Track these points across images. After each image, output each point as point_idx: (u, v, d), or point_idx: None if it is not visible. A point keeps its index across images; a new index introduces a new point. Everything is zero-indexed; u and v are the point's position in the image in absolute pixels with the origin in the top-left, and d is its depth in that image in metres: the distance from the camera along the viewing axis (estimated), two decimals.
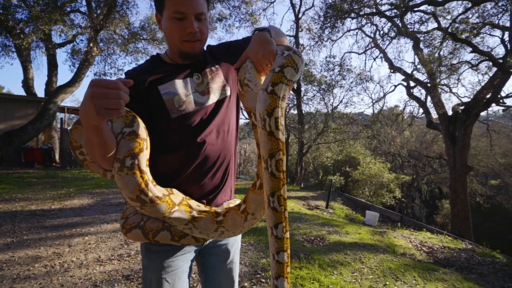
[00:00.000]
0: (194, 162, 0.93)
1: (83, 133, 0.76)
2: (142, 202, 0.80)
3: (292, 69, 0.76)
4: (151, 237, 0.87)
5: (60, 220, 4.13)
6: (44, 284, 2.36)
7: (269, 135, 0.70)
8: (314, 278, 2.39)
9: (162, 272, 0.96)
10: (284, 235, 0.73)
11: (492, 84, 10.50)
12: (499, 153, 16.71)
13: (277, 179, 0.71)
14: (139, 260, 2.83)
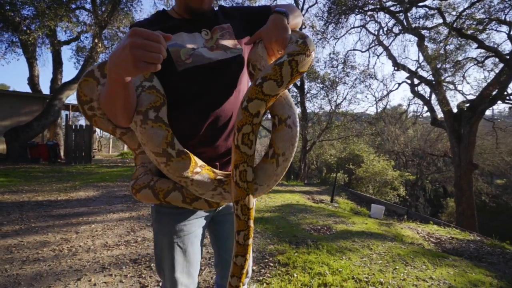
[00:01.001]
0: (206, 121, 0.89)
1: (107, 86, 0.72)
2: (168, 156, 0.76)
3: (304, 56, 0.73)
4: (162, 198, 0.84)
5: (67, 210, 4.15)
6: (53, 266, 2.37)
7: (235, 148, 0.75)
8: (323, 262, 2.37)
9: (174, 236, 0.94)
10: (245, 242, 0.78)
11: (498, 80, 10.38)
12: (505, 151, 16.52)
13: (241, 188, 0.75)
14: (146, 246, 2.84)
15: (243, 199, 0.76)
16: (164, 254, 0.96)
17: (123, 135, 0.93)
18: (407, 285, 2.04)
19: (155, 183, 0.85)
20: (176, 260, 0.95)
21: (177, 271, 0.95)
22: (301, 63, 0.72)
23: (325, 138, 12.74)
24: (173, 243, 0.94)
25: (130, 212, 4.08)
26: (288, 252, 2.60)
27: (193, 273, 0.99)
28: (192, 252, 0.98)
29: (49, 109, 10.04)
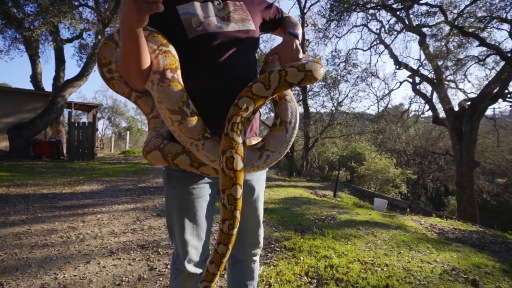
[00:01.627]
0: (213, 89, 0.90)
1: (121, 43, 0.74)
2: (184, 114, 0.79)
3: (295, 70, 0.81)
4: (170, 160, 0.86)
5: (72, 201, 4.18)
6: (61, 250, 2.40)
7: (224, 136, 0.79)
8: (328, 246, 2.40)
9: (184, 199, 0.96)
10: (229, 231, 0.80)
11: (500, 78, 10.39)
12: (506, 149, 16.52)
13: (227, 176, 0.77)
14: (153, 234, 2.87)
15: (229, 188, 0.77)
16: (174, 216, 0.98)
17: (138, 98, 0.95)
18: (412, 266, 2.06)
19: (165, 145, 0.88)
20: (185, 222, 0.97)
21: (187, 233, 0.97)
22: (290, 74, 0.79)
23: (327, 136, 12.76)
24: (182, 205, 0.96)
25: (135, 203, 4.12)
26: (294, 238, 2.63)
27: (203, 236, 1.01)
28: (202, 216, 0.99)
29: (52, 106, 10.08)
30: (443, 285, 1.80)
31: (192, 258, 1.00)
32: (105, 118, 22.11)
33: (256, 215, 1.10)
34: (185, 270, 1.02)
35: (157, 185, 5.62)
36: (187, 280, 1.04)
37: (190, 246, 0.99)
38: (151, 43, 0.84)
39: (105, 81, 0.92)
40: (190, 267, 1.01)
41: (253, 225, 1.10)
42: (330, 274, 1.92)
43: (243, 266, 1.15)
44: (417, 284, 1.80)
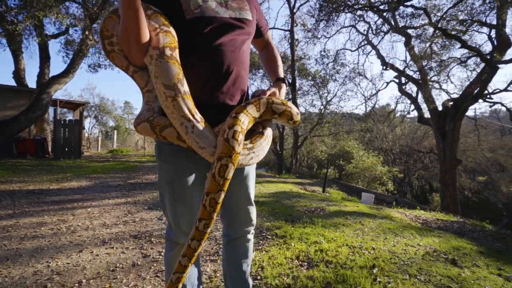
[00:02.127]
0: (206, 70, 0.95)
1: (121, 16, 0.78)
2: (177, 90, 0.83)
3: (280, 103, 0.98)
4: (158, 131, 0.90)
5: (60, 197, 4.12)
6: (52, 241, 2.39)
7: (224, 141, 0.82)
8: (318, 233, 2.48)
9: (174, 173, 1.00)
10: (204, 230, 0.85)
11: (480, 79, 10.85)
12: (486, 148, 17.22)
13: (216, 182, 0.82)
14: (145, 225, 2.88)
15: (215, 193, 0.82)
16: (165, 189, 1.03)
17: (135, 72, 0.98)
18: (397, 249, 2.17)
19: (154, 118, 0.92)
20: (176, 195, 1.02)
21: (178, 205, 1.02)
22: (275, 104, 0.95)
23: (316, 134, 12.95)
24: (173, 178, 1.01)
25: (125, 198, 4.09)
26: (285, 227, 2.70)
27: (193, 209, 1.04)
28: (192, 189, 1.03)
29: (37, 103, 9.81)
30: (425, 264, 1.91)
31: (184, 230, 1.05)
32: (92, 116, 21.63)
33: (247, 193, 1.14)
34: (178, 241, 1.07)
35: (147, 181, 5.59)
36: (181, 252, 1.09)
37: (182, 218, 1.04)
38: (153, 21, 0.89)
39: (105, 53, 0.95)
40: (183, 238, 1.05)
41: (244, 203, 1.14)
42: (320, 257, 2.00)
43: (237, 244, 1.19)
44: (401, 264, 1.90)
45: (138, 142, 21.65)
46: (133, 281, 1.72)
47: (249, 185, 1.14)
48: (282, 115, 0.96)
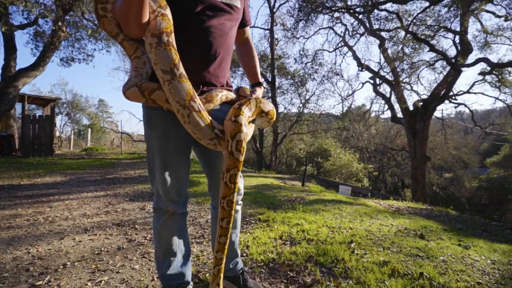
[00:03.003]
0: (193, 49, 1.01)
1: None
2: (173, 75, 0.89)
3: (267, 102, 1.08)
4: (147, 95, 0.95)
5: (34, 191, 3.94)
6: (30, 231, 2.31)
7: (229, 154, 0.93)
8: (299, 217, 2.60)
9: (163, 141, 1.06)
10: (227, 226, 0.98)
11: (446, 81, 11.66)
12: (452, 146, 18.45)
13: (228, 188, 0.95)
14: (128, 214, 2.85)
15: (229, 196, 0.95)
16: (155, 157, 1.08)
17: (124, 40, 1.01)
18: (372, 228, 2.34)
19: (142, 83, 0.97)
20: (165, 162, 1.07)
21: (167, 173, 1.08)
22: (263, 103, 1.05)
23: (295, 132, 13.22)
24: (162, 146, 1.06)
25: (105, 191, 4.00)
26: (267, 213, 2.79)
27: (181, 178, 1.11)
28: (181, 157, 1.09)
29: (2, 98, 9.22)
30: (397, 239, 2.08)
31: (173, 198, 1.11)
32: (64, 114, 20.53)
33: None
34: (167, 208, 1.12)
35: (127, 176, 5.46)
36: (170, 220, 1.14)
37: (171, 186, 1.09)
38: (152, 1, 0.94)
39: (96, 17, 0.97)
40: (172, 206, 1.11)
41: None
42: (302, 236, 2.11)
43: None
44: (376, 239, 2.06)
45: (114, 141, 20.88)
46: (120, 262, 1.73)
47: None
48: (268, 114, 1.07)
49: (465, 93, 13.83)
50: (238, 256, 1.33)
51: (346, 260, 1.64)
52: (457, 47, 11.70)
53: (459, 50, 11.38)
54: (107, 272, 1.60)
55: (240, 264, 1.34)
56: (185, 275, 1.19)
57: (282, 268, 1.61)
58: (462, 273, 1.53)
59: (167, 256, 1.16)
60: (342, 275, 1.49)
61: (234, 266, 1.31)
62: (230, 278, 1.30)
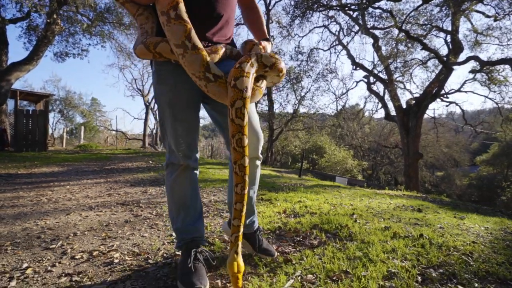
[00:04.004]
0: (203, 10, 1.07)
1: None
2: (185, 48, 0.95)
3: (268, 55, 1.03)
4: (152, 49, 1.01)
5: (32, 179, 3.92)
6: (35, 209, 2.32)
7: (231, 121, 0.94)
8: (301, 196, 2.67)
9: (173, 95, 1.10)
10: (242, 192, 0.97)
11: (438, 79, 11.92)
12: (443, 144, 18.83)
13: (237, 152, 0.96)
14: (131, 196, 2.87)
15: (240, 160, 0.96)
16: (165, 112, 1.13)
17: (126, 2, 1.08)
18: (372, 205, 2.42)
19: (146, 39, 1.03)
20: (176, 116, 1.11)
21: (178, 126, 1.12)
22: (264, 57, 1.02)
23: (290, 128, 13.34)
24: (172, 100, 1.11)
25: (105, 179, 4.00)
26: (269, 194, 2.85)
27: (192, 132, 1.15)
28: (191, 111, 1.13)
29: None
30: (396, 212, 2.17)
31: (184, 152, 1.15)
32: (56, 111, 20.24)
33: (252, 125, 1.20)
34: (180, 162, 1.16)
35: (125, 168, 5.46)
36: (182, 175, 1.18)
37: (182, 139, 1.14)
38: None
39: None
40: (184, 160, 1.15)
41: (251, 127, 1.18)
42: (305, 210, 2.17)
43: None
44: (376, 213, 2.14)
45: (107, 139, 20.68)
46: (129, 231, 1.77)
47: (252, 115, 1.20)
48: (273, 68, 1.05)
49: (456, 92, 14.17)
50: (255, 214, 1.33)
51: (350, 227, 1.71)
52: (449, 46, 11.97)
53: (451, 49, 11.65)
54: (118, 239, 1.63)
55: (256, 223, 1.34)
56: (199, 230, 1.23)
57: (289, 234, 1.67)
58: (458, 236, 1.62)
59: (181, 211, 1.20)
60: (346, 238, 1.56)
61: (250, 223, 1.31)
62: (245, 236, 1.31)
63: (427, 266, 1.22)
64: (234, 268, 0.93)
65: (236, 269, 0.93)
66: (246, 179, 0.98)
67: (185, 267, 1.11)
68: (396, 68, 13.39)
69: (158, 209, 2.29)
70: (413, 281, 1.07)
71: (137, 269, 1.23)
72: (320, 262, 1.25)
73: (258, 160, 1.27)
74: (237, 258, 0.95)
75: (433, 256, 1.29)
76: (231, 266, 0.94)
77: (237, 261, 0.95)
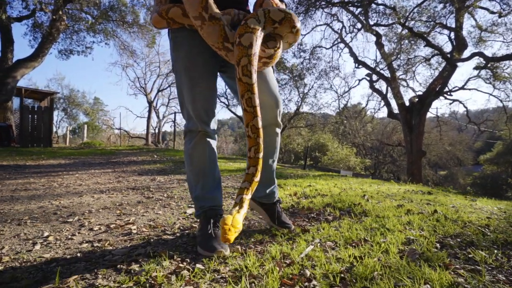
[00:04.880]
0: None
1: None
2: (202, 19, 0.96)
3: (277, 10, 1.00)
4: (165, 15, 1.03)
5: (41, 169, 3.95)
6: (48, 192, 2.34)
7: (238, 81, 0.93)
8: (310, 181, 2.68)
9: (190, 59, 1.12)
10: (255, 155, 0.93)
11: (442, 76, 11.86)
12: (447, 142, 18.76)
13: (248, 113, 0.93)
14: (140, 182, 2.88)
15: (252, 121, 0.92)
16: (182, 78, 1.14)
17: None
18: (382, 189, 2.43)
19: (159, 7, 1.06)
20: (193, 81, 1.12)
21: (196, 92, 1.13)
22: (273, 12, 0.98)
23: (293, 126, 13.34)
24: (189, 65, 1.12)
25: (112, 169, 4.03)
26: (278, 181, 2.86)
27: (209, 97, 1.15)
28: (207, 76, 1.14)
29: (1, 88, 9.13)
30: (407, 195, 2.17)
31: (202, 117, 1.16)
32: (60, 109, 20.34)
33: (270, 84, 1.19)
34: (198, 128, 1.17)
35: (130, 161, 5.48)
36: (200, 142, 1.18)
37: (199, 104, 1.14)
38: None
39: None
40: (202, 126, 1.16)
41: (269, 92, 1.18)
42: (315, 193, 2.18)
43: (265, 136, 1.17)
44: (387, 195, 2.14)
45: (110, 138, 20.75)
46: (142, 209, 1.78)
47: (269, 79, 1.20)
48: (283, 23, 0.99)
49: (460, 89, 14.07)
50: (275, 185, 1.31)
51: (363, 205, 1.72)
52: (453, 43, 11.90)
53: (454, 46, 11.59)
54: (132, 215, 1.65)
55: (276, 194, 1.32)
56: (217, 199, 1.23)
57: (302, 211, 1.68)
58: (472, 213, 1.62)
59: (199, 178, 1.20)
60: (361, 214, 1.57)
61: (270, 193, 1.29)
62: (264, 207, 1.31)
63: (444, 236, 1.22)
64: (228, 220, 0.79)
65: (230, 222, 0.79)
66: (260, 142, 0.94)
67: (205, 233, 1.12)
68: (399, 65, 13.35)
69: (169, 193, 2.30)
70: (432, 247, 1.08)
71: (155, 238, 1.25)
72: (337, 232, 1.25)
73: (278, 127, 1.26)
74: (235, 214, 0.83)
75: (449, 228, 1.29)
76: (226, 218, 0.80)
77: (234, 216, 0.82)
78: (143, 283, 0.81)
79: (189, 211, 1.69)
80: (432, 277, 0.80)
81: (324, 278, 0.83)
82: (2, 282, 0.83)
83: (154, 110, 20.70)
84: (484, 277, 0.82)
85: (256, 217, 1.55)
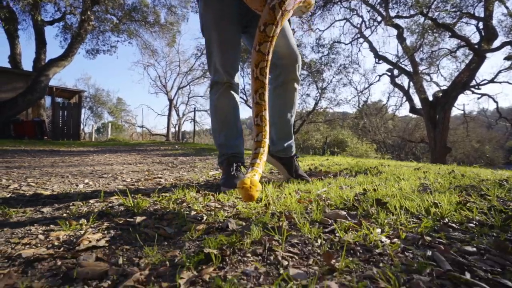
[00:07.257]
0: None
1: None
2: None
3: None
4: None
5: (73, 153, 4.24)
6: (82, 163, 2.55)
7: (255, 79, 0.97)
8: (326, 157, 2.72)
9: (219, 18, 1.21)
10: (263, 139, 0.96)
11: (469, 68, 11.31)
12: (474, 139, 17.86)
13: (260, 105, 0.97)
14: (164, 161, 3.05)
15: (262, 112, 0.98)
16: (212, 34, 1.23)
17: None
18: (400, 163, 2.42)
19: None
20: (221, 34, 1.21)
21: (222, 44, 1.21)
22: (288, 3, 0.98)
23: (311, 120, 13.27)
24: (216, 18, 1.21)
25: (137, 153, 4.25)
26: None
27: (235, 51, 1.24)
28: (234, 30, 1.23)
29: (35, 86, 9.79)
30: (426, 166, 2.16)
31: (228, 70, 1.25)
32: (86, 107, 21.46)
33: (288, 44, 1.25)
34: (223, 80, 1.26)
35: (153, 149, 5.73)
36: (225, 93, 1.28)
37: (226, 58, 1.24)
38: None
39: None
40: (228, 77, 1.26)
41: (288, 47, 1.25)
42: (332, 163, 2.23)
43: (283, 90, 1.30)
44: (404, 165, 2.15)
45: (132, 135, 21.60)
46: (168, 172, 1.92)
47: (288, 35, 1.27)
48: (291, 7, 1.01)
49: (489, 82, 13.32)
50: (292, 139, 1.39)
51: (379, 169, 1.75)
52: (481, 33, 11.33)
53: (483, 36, 11.03)
54: (159, 175, 1.78)
55: (293, 149, 1.39)
56: (239, 147, 1.32)
57: (319, 173, 1.73)
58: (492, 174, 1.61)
59: (223, 127, 1.30)
60: (377, 174, 1.60)
61: (287, 147, 1.36)
62: (282, 161, 1.38)
63: (460, 186, 1.24)
64: (247, 180, 0.76)
65: (249, 182, 0.75)
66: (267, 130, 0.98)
67: (228, 174, 1.21)
68: (422, 59, 12.90)
69: (192, 165, 2.43)
70: (446, 189, 1.11)
71: (182, 184, 1.36)
72: (353, 181, 1.31)
73: (297, 82, 1.33)
74: (252, 176, 0.80)
75: (466, 181, 1.31)
76: (245, 179, 0.77)
77: (252, 177, 0.78)
78: (175, 200, 0.92)
79: (212, 173, 1.80)
80: (441, 199, 0.85)
81: (338, 199, 0.90)
82: (57, 197, 0.96)
83: (174, 108, 21.31)
84: (493, 201, 0.85)
85: (274, 176, 1.63)
